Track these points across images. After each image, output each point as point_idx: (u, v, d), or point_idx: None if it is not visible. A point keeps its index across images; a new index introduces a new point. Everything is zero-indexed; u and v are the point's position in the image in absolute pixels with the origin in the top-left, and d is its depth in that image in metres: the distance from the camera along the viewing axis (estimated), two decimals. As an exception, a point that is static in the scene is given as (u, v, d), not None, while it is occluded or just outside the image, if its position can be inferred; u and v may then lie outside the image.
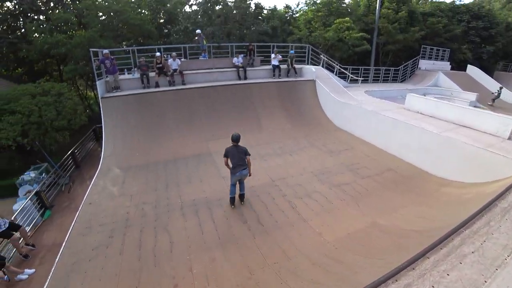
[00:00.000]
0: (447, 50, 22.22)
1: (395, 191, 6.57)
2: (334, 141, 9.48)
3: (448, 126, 7.99)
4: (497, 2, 54.78)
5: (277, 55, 12.67)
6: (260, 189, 6.56)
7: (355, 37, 18.60)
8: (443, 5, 25.36)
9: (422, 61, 20.49)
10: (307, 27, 20.69)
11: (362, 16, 21.97)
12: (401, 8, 21.03)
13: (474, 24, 24.55)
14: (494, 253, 2.82)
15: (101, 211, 5.92)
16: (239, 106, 10.85)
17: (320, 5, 21.25)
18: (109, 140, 8.82)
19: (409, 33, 20.64)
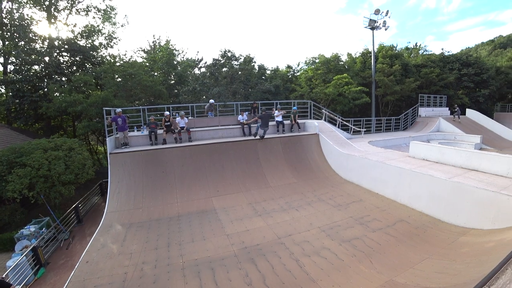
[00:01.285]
0: (444, 97, 23.20)
1: (409, 243, 6.21)
2: (341, 194, 9.32)
3: (456, 171, 7.90)
4: (482, 50, 58.58)
5: (280, 112, 13.25)
6: (266, 247, 6.30)
7: (354, 91, 19.63)
8: (433, 57, 27.26)
9: (421, 109, 21.18)
10: (308, 84, 22.02)
11: (359, 72, 23.53)
12: (394, 62, 22.50)
13: (466, 71, 26.08)
14: (522, 312, 2.57)
15: (98, 270, 5.69)
16: (245, 162, 11.04)
17: (319, 64, 22.94)
18: (114, 195, 8.93)
19: (405, 84, 21.78)
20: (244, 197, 9.34)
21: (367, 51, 25.09)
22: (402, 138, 15.37)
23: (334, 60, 22.66)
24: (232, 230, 7.14)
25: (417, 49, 31.69)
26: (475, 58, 29.06)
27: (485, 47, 64.94)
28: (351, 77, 21.01)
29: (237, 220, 7.71)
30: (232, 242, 6.53)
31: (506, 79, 28.88)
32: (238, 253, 6.06)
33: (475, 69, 26.44)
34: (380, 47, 25.45)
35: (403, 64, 23.09)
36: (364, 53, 25.52)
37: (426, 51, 30.87)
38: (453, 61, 26.93)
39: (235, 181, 10.17)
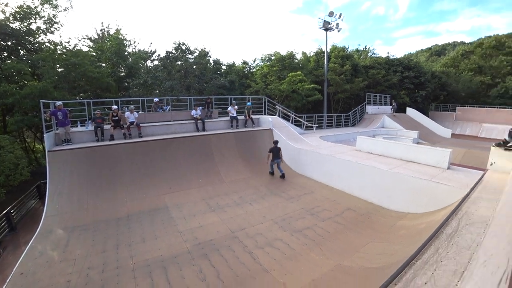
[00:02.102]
0: (388, 96, 25.15)
1: (355, 230, 6.60)
2: (294, 187, 9.56)
3: (396, 162, 8.60)
4: (422, 56, 65.63)
5: (234, 107, 13.18)
6: (220, 242, 6.22)
7: (307, 88, 20.27)
8: (380, 59, 29.45)
9: (368, 107, 22.78)
10: (263, 80, 22.22)
11: (312, 70, 24.42)
12: (345, 62, 23.76)
13: (407, 74, 28.61)
14: (445, 281, 2.82)
15: (35, 282, 5.06)
16: (198, 158, 10.76)
17: (275, 61, 23.25)
18: (54, 197, 8.04)
19: (354, 83, 23.13)
20: (197, 193, 9.11)
21: (321, 50, 26.12)
22: (351, 133, 16.30)
23: (289, 58, 23.20)
24: (185, 227, 6.91)
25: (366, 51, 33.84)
26: (415, 62, 32.20)
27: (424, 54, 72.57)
28: (305, 75, 21.69)
29: (190, 216, 7.49)
30: (185, 239, 6.32)
31: (440, 82, 32.26)
32: (191, 249, 5.88)
33: (415, 72, 29.14)
34: (333, 47, 26.67)
35: (353, 64, 24.47)
36: (318, 52, 26.54)
37: (374, 54, 33.21)
38: (397, 64, 29.32)
39: (189, 177, 9.87)
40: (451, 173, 7.51)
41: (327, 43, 22.94)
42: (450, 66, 39.24)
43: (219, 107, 15.51)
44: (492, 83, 34.36)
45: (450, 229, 3.75)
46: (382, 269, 4.45)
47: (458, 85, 34.01)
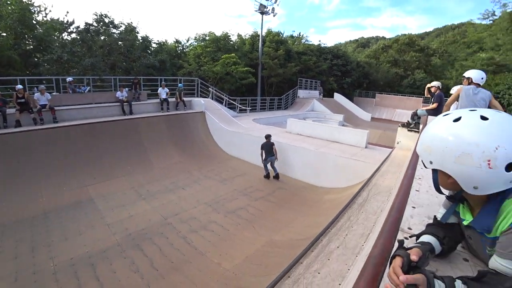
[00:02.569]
0: (318, 82, 26.67)
1: (286, 207, 6.95)
2: (227, 169, 9.55)
3: (322, 143, 9.21)
4: (349, 46, 71.76)
5: (164, 88, 12.39)
6: (152, 230, 5.90)
7: (241, 71, 20.14)
8: (312, 47, 30.92)
9: (300, 91, 23.90)
10: (197, 61, 21.31)
11: (247, 53, 24.31)
12: (279, 47, 24.24)
13: (335, 62, 30.77)
14: (354, 243, 3.08)
15: None
16: (125, 144, 9.87)
17: (209, 41, 22.39)
18: None
19: (287, 68, 23.83)
20: (126, 181, 8.38)
21: (256, 34, 26.08)
22: (283, 116, 16.86)
23: (224, 39, 22.65)
24: (113, 218, 6.33)
25: (300, 38, 34.97)
26: (343, 52, 35.16)
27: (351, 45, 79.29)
28: (240, 58, 21.50)
29: (118, 207, 6.87)
30: (114, 231, 5.81)
31: (363, 71, 35.73)
32: (121, 241, 5.44)
33: (343, 61, 31.58)
34: (268, 32, 26.86)
35: (287, 50, 25.14)
36: (253, 35, 26.49)
37: (307, 41, 34.47)
38: (327, 53, 31.27)
39: (115, 165, 8.98)
40: (368, 151, 8.38)
41: (263, 27, 23.03)
42: (372, 57, 43.62)
43: (148, 88, 14.40)
44: (404, 74, 39.40)
45: (361, 199, 4.13)
46: (308, 239, 4.73)
47: (378, 74, 38.09)
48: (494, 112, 0.93)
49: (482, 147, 0.86)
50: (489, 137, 0.87)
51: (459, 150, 0.90)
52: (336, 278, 2.56)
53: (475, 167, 0.88)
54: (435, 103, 6.61)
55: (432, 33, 72.03)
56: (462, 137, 0.91)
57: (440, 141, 0.96)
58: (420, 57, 40.39)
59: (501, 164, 0.85)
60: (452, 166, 0.94)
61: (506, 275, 0.87)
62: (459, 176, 0.94)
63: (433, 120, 1.05)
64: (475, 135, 0.89)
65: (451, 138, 0.93)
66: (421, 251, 0.94)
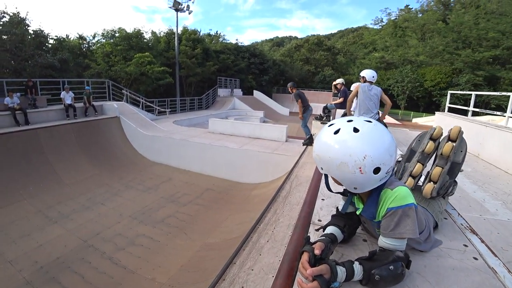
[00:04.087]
0: (237, 80, 27.34)
1: (216, 207, 6.96)
2: (151, 177, 9.02)
3: (245, 140, 9.51)
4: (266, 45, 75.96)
5: (69, 92, 10.89)
6: (70, 257, 5.12)
7: (157, 71, 19.13)
8: (230, 45, 31.55)
9: (220, 90, 24.02)
10: (106, 60, 19.33)
11: (163, 51, 23.23)
12: (197, 45, 23.86)
13: (253, 60, 31.99)
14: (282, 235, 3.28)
15: None
16: (24, 160, 8.30)
17: (119, 39, 20.44)
18: None
19: (206, 67, 23.77)
20: (29, 205, 7.02)
21: (172, 31, 25.05)
22: (204, 116, 16.69)
23: (137, 36, 21.06)
24: (17, 253, 5.23)
25: (218, 36, 34.98)
26: (260, 50, 37.15)
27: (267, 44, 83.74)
28: (155, 57, 20.34)
29: (22, 237, 5.71)
30: (20, 268, 4.81)
31: (279, 69, 38.20)
32: (31, 278, 4.57)
33: (260, 59, 33.11)
34: (184, 30, 26.08)
35: (204, 48, 24.95)
36: (169, 33, 25.39)
37: (224, 40, 34.77)
38: (245, 51, 32.26)
39: (13, 187, 7.40)
40: (288, 144, 9.00)
41: (178, 24, 22.22)
42: (286, 56, 47.44)
43: (48, 92, 12.43)
44: (315, 71, 44.04)
45: (285, 192, 4.43)
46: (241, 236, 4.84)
47: (293, 72, 41.30)
48: (364, 123, 1.13)
49: (354, 157, 1.05)
50: (358, 148, 1.06)
51: (339, 160, 1.08)
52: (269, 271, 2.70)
53: (351, 173, 1.07)
54: (341, 98, 7.68)
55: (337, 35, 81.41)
56: (339, 148, 1.08)
57: (325, 152, 1.13)
58: (328, 56, 45.85)
59: (369, 170, 1.06)
60: (335, 172, 1.12)
61: (390, 251, 1.09)
62: (342, 180, 1.14)
63: (322, 130, 1.22)
64: (348, 146, 1.07)
65: (332, 149, 1.10)
66: (324, 243, 1.10)
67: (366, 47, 53.04)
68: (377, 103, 4.55)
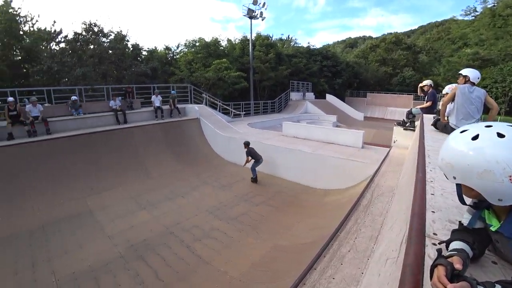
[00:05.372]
0: (310, 84, 26.94)
1: (287, 211, 6.96)
2: (225, 175, 9.52)
3: (318, 145, 9.27)
4: (338, 47, 72.96)
5: (158, 96, 12.33)
6: (155, 240, 5.81)
7: (233, 76, 20.17)
8: (301, 49, 31.35)
9: (292, 93, 24.03)
10: (188, 67, 21.27)
11: (238, 57, 24.38)
12: (270, 50, 24.41)
13: (326, 63, 31.13)
14: (364, 246, 3.09)
15: None
16: (121, 153, 9.73)
17: (199, 47, 22.39)
18: None
19: (278, 71, 24.03)
20: (124, 191, 8.25)
21: (246, 38, 26.21)
22: (277, 119, 16.94)
23: (214, 44, 22.69)
24: (114, 230, 6.21)
25: (289, 41, 35.29)
26: (332, 53, 35.53)
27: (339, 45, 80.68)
28: (231, 62, 21.55)
29: (118, 218, 6.75)
30: (116, 243, 5.69)
31: (353, 71, 36.23)
32: (124, 253, 5.34)
33: (332, 62, 32.05)
34: (258, 36, 27.02)
35: (277, 53, 25.35)
36: (243, 40, 26.61)
37: (296, 44, 34.85)
38: (317, 54, 31.65)
39: (112, 175, 8.82)
40: (364, 151, 8.46)
41: (252, 31, 23.10)
42: (361, 57, 44.42)
43: (141, 96, 14.28)
44: (393, 73, 40.14)
45: (365, 201, 4.16)
46: (314, 243, 4.74)
47: (368, 74, 38.71)
48: (509, 128, 0.99)
49: (503, 164, 0.93)
50: (508, 154, 0.93)
51: (481, 167, 0.96)
52: (351, 282, 2.57)
53: (498, 183, 0.94)
54: (429, 101, 6.76)
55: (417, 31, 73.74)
56: (482, 155, 0.97)
57: (461, 159, 1.03)
58: (408, 55, 41.23)
59: None
60: (475, 182, 1.00)
61: None
62: (483, 190, 1.01)
63: (450, 137, 1.12)
64: (495, 152, 0.95)
65: (471, 156, 1.00)
66: (462, 258, 0.97)
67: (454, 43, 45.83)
68: (480, 108, 3.88)
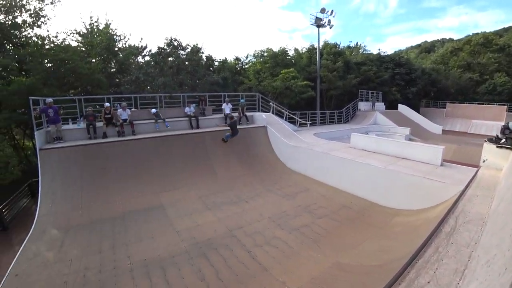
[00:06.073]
0: (380, 93, 25.37)
1: (352, 227, 6.67)
2: (289, 184, 9.58)
3: (390, 159, 8.67)
4: (412, 53, 66.78)
5: (228, 104, 13.11)
6: (218, 241, 6.18)
7: (300, 85, 20.28)
8: (371, 56, 29.68)
9: (361, 103, 22.97)
10: (256, 77, 22.14)
11: (305, 67, 24.41)
12: (337, 59, 23.86)
13: (398, 70, 28.89)
14: (447, 279, 2.85)
15: (31, 283, 4.93)
16: (192, 156, 10.63)
17: (267, 57, 23.16)
18: (47, 197, 7.77)
19: (347, 80, 23.29)
20: (193, 191, 9.00)
21: (313, 47, 26.12)
22: (344, 130, 16.39)
23: (282, 54, 23.17)
24: (181, 226, 6.83)
25: (358, 48, 34.00)
26: (405, 59, 32.74)
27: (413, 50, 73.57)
28: (298, 72, 21.70)
29: (186, 215, 7.39)
30: (183, 238, 6.25)
31: (430, 79, 32.75)
32: (189, 249, 5.83)
33: (406, 69, 29.57)
34: (325, 44, 26.70)
35: (345, 61, 24.63)
36: (310, 49, 26.55)
37: (365, 51, 33.32)
38: (388, 61, 29.61)
39: (183, 175, 9.73)
40: (444, 169, 7.63)
41: (319, 40, 22.95)
42: (439, 63, 39.75)
43: (212, 104, 15.37)
44: (480, 79, 34.85)
45: (448, 227, 3.80)
46: (381, 266, 4.49)
47: (448, 81, 34.53)
48: None
49: None
50: None
51: None
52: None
53: None
54: None
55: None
56: None
57: None
58: (500, 58, 35.31)
59: None
60: None
61: None
62: None
63: None
64: None
65: None
66: None
67: None
68: None
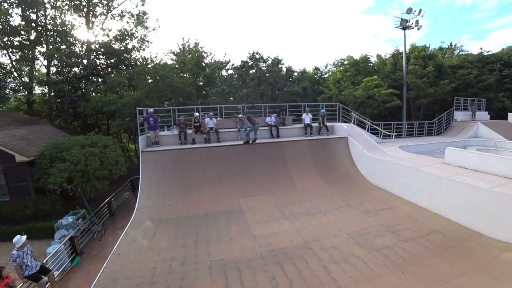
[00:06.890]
0: (482, 100, 21.78)
1: (445, 256, 5.87)
2: (371, 200, 9.03)
3: (499, 180, 7.34)
4: None
5: (308, 114, 13.17)
6: (293, 251, 6.22)
7: (384, 93, 19.04)
8: (470, 57, 25.65)
9: (457, 113, 20.05)
10: (336, 86, 21.66)
11: (389, 73, 22.72)
12: (427, 63, 21.53)
13: (508, 72, 24.16)
14: None
15: (129, 263, 5.92)
16: (272, 164, 11.03)
17: (348, 66, 22.49)
18: (144, 192, 9.31)
19: (439, 86, 20.79)
20: (271, 199, 9.31)
21: (398, 52, 24.21)
22: (435, 143, 14.62)
23: (363, 61, 22.13)
24: (259, 232, 7.14)
25: (452, 49, 30.09)
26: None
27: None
28: (381, 79, 20.36)
29: (264, 222, 7.70)
30: (259, 244, 6.53)
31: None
32: (265, 255, 6.04)
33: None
34: (412, 47, 24.42)
35: (437, 65, 22.01)
36: (395, 54, 24.61)
37: (462, 51, 29.27)
38: (494, 61, 24.97)
39: (262, 182, 10.18)
40: None
41: (405, 43, 21.15)
42: None
43: (292, 114, 15.67)
44: None
45: None
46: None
47: None
48: None
49: None
50: None
51: None
52: None
53: None
54: None
55: None
56: None
57: None
58: None
59: None
60: None
61: None
62: None
63: None
64: None
65: None
66: None
67: None
68: None
